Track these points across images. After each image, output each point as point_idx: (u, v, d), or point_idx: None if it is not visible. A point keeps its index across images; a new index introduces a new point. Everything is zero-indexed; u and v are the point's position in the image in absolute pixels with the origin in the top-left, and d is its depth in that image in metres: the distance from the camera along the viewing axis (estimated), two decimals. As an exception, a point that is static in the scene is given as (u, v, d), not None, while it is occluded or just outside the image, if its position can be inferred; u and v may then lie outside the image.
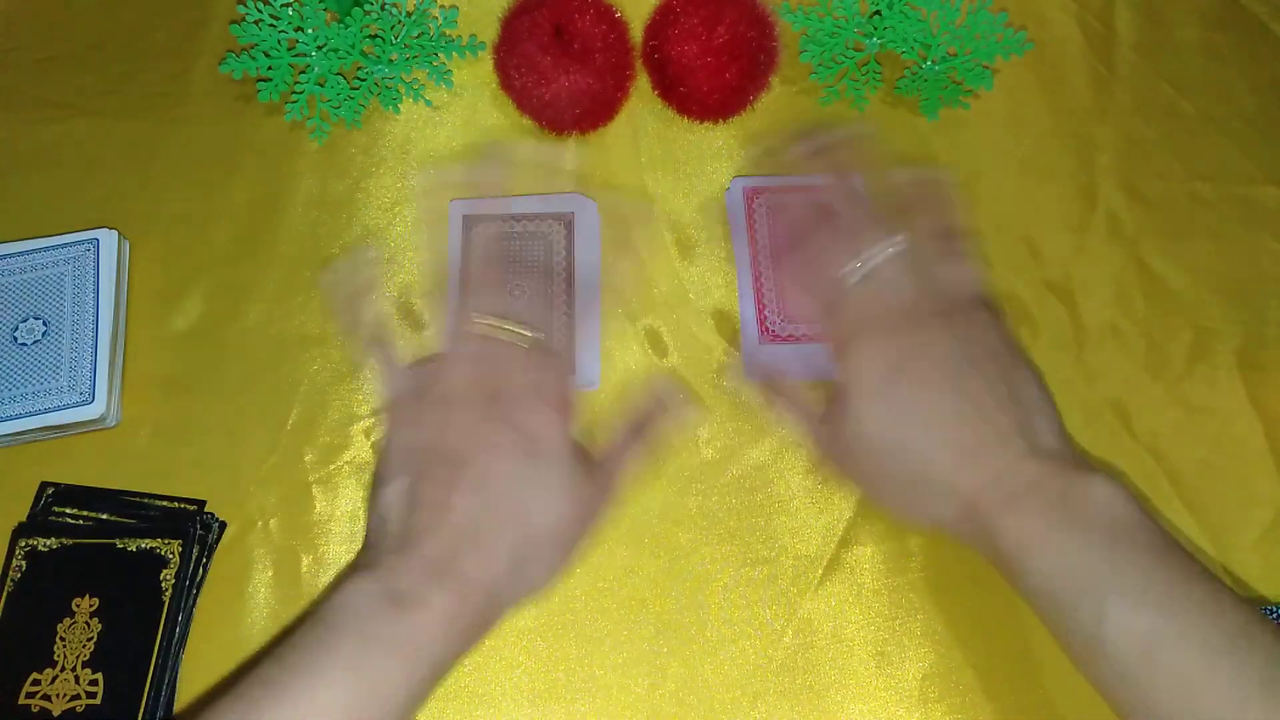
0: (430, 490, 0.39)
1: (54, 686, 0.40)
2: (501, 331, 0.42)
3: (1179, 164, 0.53)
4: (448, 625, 0.36)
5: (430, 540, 0.38)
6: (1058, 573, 0.36)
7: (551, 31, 0.50)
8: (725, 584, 0.43)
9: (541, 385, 0.42)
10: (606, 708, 0.41)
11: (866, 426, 0.40)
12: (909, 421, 0.39)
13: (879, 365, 0.40)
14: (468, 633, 0.37)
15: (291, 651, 0.35)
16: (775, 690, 0.41)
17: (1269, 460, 0.45)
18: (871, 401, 0.40)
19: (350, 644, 0.35)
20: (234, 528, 0.45)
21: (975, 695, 0.41)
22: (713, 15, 0.49)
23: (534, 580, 0.40)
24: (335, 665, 0.34)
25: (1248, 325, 0.48)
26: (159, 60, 0.56)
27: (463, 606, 0.36)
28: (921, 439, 0.39)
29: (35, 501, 0.45)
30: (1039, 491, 0.37)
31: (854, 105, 0.54)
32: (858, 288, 0.42)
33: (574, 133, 0.54)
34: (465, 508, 0.38)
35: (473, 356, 0.43)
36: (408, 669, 0.35)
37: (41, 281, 0.48)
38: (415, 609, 0.36)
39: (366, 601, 0.36)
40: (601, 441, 0.44)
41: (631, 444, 0.44)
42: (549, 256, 0.49)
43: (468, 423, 0.40)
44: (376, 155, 0.53)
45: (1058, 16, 0.58)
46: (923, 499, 0.40)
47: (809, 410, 0.44)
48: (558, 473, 0.40)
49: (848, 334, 0.42)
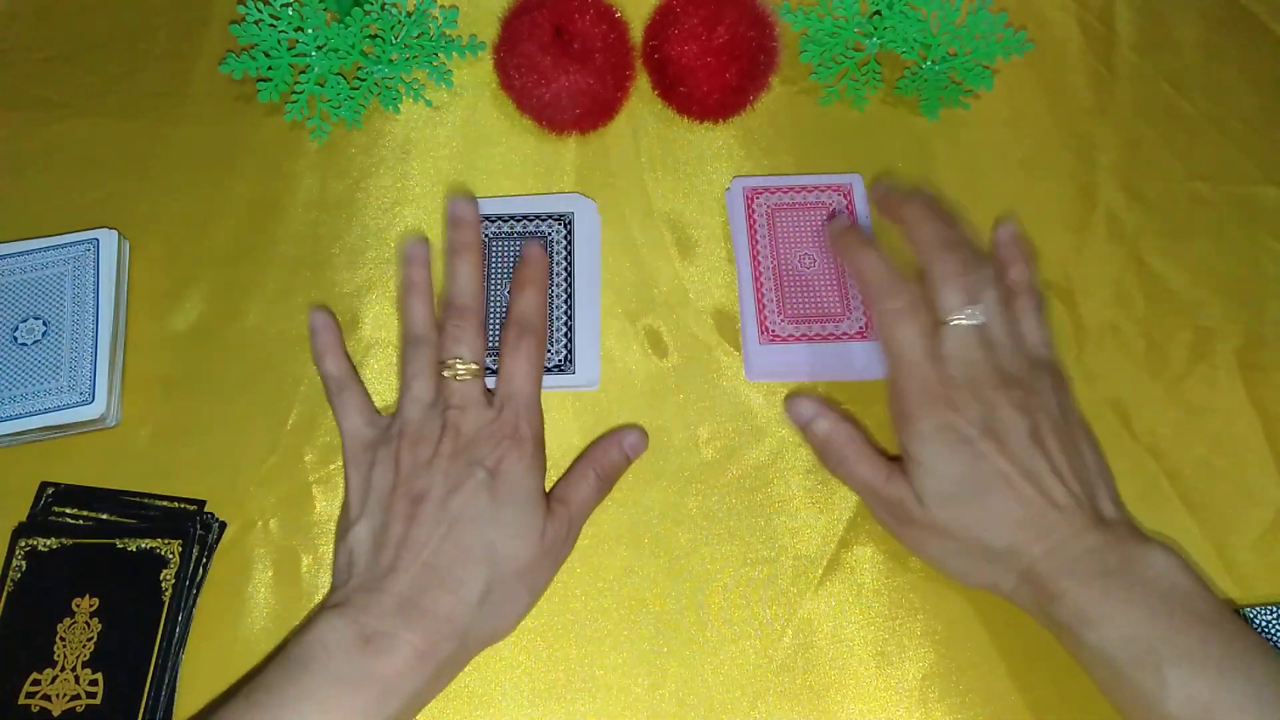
0: (394, 528, 0.39)
1: (54, 686, 0.40)
2: (455, 370, 0.43)
3: (1179, 164, 0.53)
4: (417, 664, 0.36)
5: (399, 578, 0.38)
6: (1117, 641, 0.36)
7: (551, 31, 0.50)
8: (725, 584, 0.43)
9: (503, 420, 0.42)
10: (606, 708, 0.41)
11: (930, 497, 0.40)
12: (972, 495, 0.39)
13: (947, 437, 0.40)
14: (438, 672, 0.37)
15: (262, 691, 0.35)
16: (775, 690, 0.41)
17: (1269, 460, 0.45)
18: (934, 473, 0.40)
19: (319, 683, 0.35)
20: (234, 528, 0.45)
21: (975, 695, 0.41)
22: (713, 15, 0.49)
23: (504, 618, 0.40)
24: (304, 706, 0.34)
25: (1248, 325, 0.48)
26: (159, 60, 0.56)
27: (432, 645, 0.37)
28: (985, 513, 0.39)
29: (35, 501, 0.45)
30: (1098, 560, 0.37)
31: (854, 105, 0.54)
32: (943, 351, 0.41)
33: (574, 133, 0.54)
34: (431, 544, 0.39)
35: (430, 396, 0.43)
36: (377, 708, 0.35)
37: (41, 281, 0.48)
38: (385, 648, 0.36)
39: (337, 640, 0.36)
40: (558, 479, 0.44)
41: (586, 478, 0.44)
42: (549, 256, 0.49)
43: (429, 460, 0.41)
44: (376, 155, 0.54)
45: (1058, 16, 0.58)
46: (982, 567, 0.40)
47: (877, 469, 0.42)
48: (525, 510, 0.40)
49: (915, 402, 0.41)
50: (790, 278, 0.48)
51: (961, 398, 0.40)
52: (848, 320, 0.47)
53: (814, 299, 0.48)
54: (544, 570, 0.42)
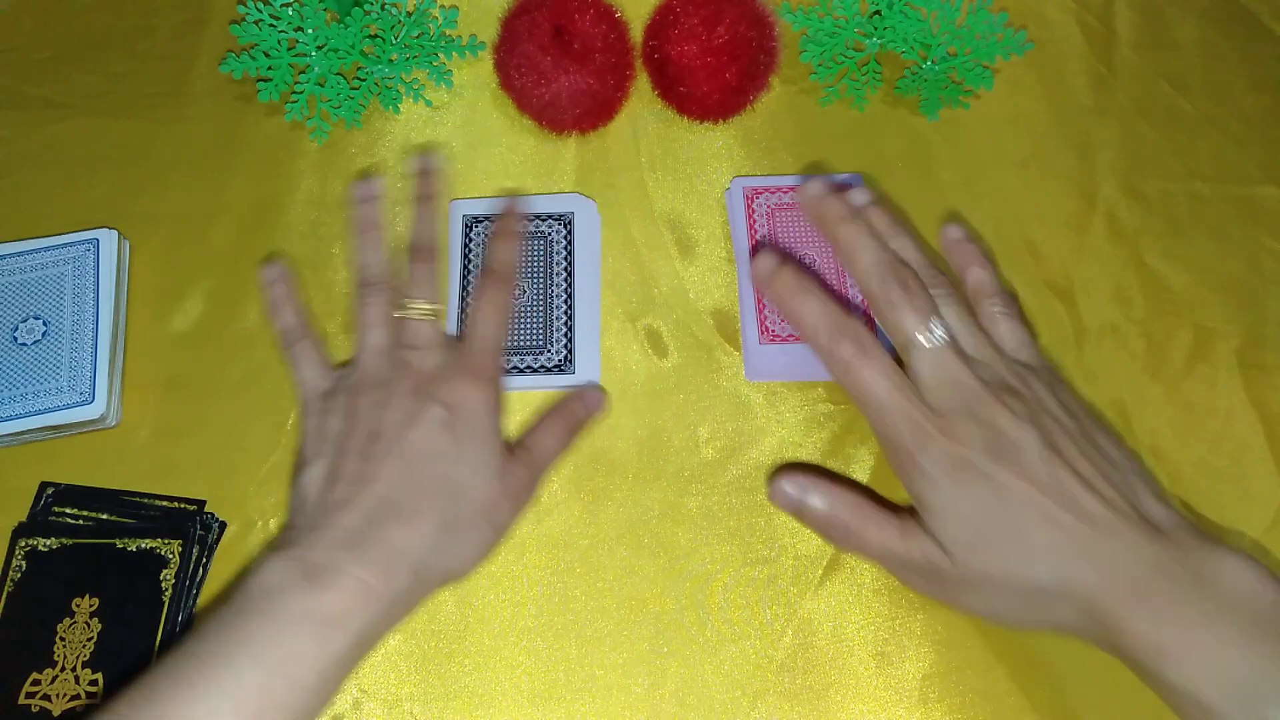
0: (349, 464, 0.38)
1: (54, 686, 0.40)
2: (409, 310, 0.42)
3: (1179, 164, 0.53)
4: (365, 598, 0.34)
5: (348, 512, 0.36)
6: (1206, 679, 0.32)
7: (551, 31, 0.50)
8: (725, 584, 0.43)
9: (463, 358, 0.41)
10: (606, 708, 0.41)
11: (954, 545, 0.36)
12: (999, 531, 0.35)
13: (954, 472, 0.36)
14: (391, 607, 0.35)
15: (197, 640, 0.33)
16: (775, 690, 0.41)
17: (1269, 460, 0.45)
18: (953, 516, 0.36)
19: (256, 626, 0.33)
20: (234, 528, 0.45)
21: (975, 695, 0.41)
22: (713, 15, 0.49)
23: (463, 557, 0.39)
24: (240, 652, 0.33)
25: (1248, 325, 0.48)
26: (159, 60, 0.56)
27: (385, 579, 0.35)
28: (1018, 547, 0.35)
29: (35, 501, 0.45)
30: (1163, 578, 0.33)
31: (854, 105, 0.54)
32: (920, 379, 0.38)
33: (574, 133, 0.54)
34: (386, 477, 0.37)
35: (386, 343, 0.42)
36: (321, 646, 0.33)
37: (41, 281, 0.48)
38: (329, 583, 0.34)
39: (278, 580, 0.34)
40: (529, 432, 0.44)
41: (552, 428, 0.43)
42: (549, 256, 0.49)
43: (386, 399, 0.40)
44: (376, 155, 0.54)
45: (1058, 16, 0.58)
46: (1037, 609, 0.35)
47: (889, 529, 0.38)
48: (485, 446, 0.39)
49: (909, 443, 0.37)
50: (790, 278, 0.48)
51: (957, 424, 0.37)
52: (848, 320, 0.47)
53: (814, 299, 0.48)
54: (506, 510, 0.40)
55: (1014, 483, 0.35)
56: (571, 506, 0.45)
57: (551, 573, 0.43)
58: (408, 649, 0.42)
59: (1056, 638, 0.40)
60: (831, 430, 0.46)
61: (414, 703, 0.41)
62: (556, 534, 0.44)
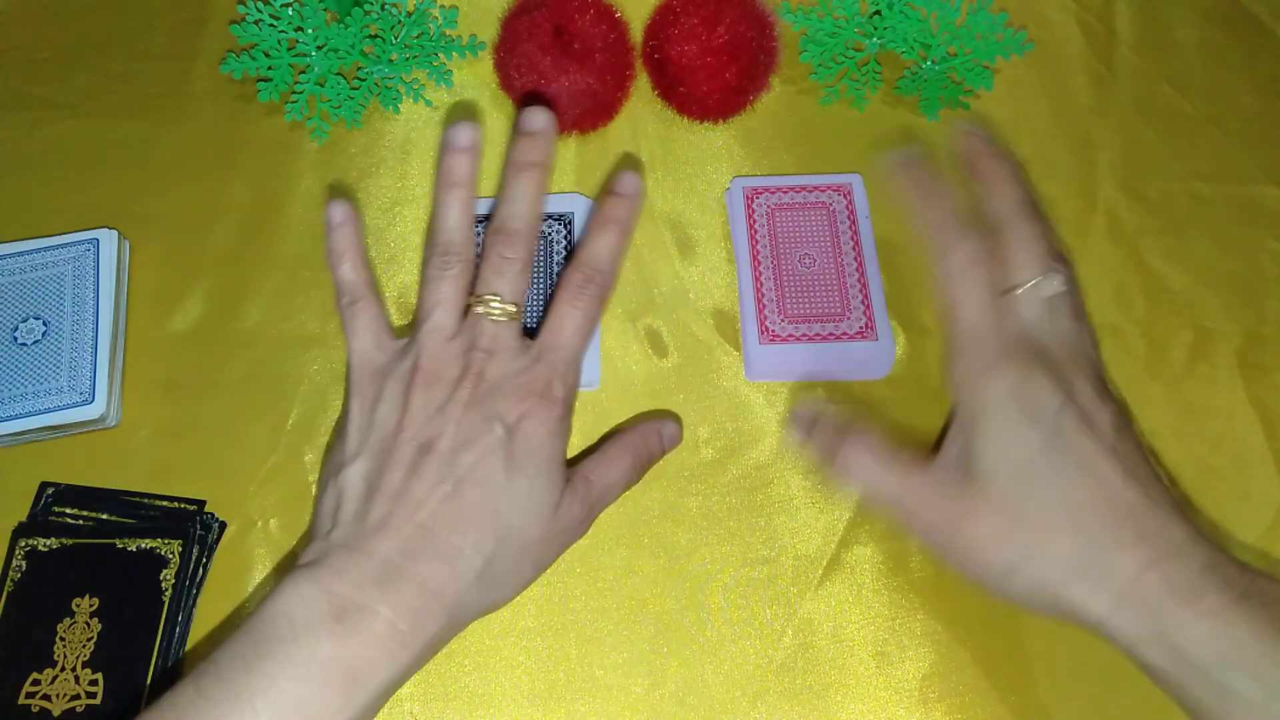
0: (393, 476, 0.34)
1: (54, 686, 0.40)
2: (489, 308, 0.37)
3: (1179, 164, 0.53)
4: (395, 648, 0.31)
5: (387, 538, 0.33)
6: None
7: (551, 31, 0.50)
8: (725, 584, 0.43)
9: (535, 372, 0.36)
10: (606, 708, 0.41)
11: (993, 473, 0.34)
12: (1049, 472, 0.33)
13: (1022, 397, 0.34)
14: (419, 653, 0.33)
15: (213, 678, 0.30)
16: (775, 690, 0.41)
17: (1269, 460, 0.45)
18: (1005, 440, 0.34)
19: (277, 669, 0.30)
20: (234, 528, 0.45)
21: (975, 695, 0.41)
22: (713, 15, 0.49)
23: (499, 598, 0.36)
24: (259, 702, 0.29)
25: (1248, 325, 0.48)
26: (159, 60, 0.56)
27: (415, 625, 0.32)
28: (1063, 496, 0.33)
29: (35, 501, 0.45)
30: (1228, 583, 0.30)
31: (854, 105, 0.54)
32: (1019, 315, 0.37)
33: (574, 133, 0.54)
34: (431, 504, 0.34)
35: (456, 332, 0.37)
36: (344, 697, 0.30)
37: (41, 281, 0.48)
38: (358, 625, 0.31)
39: (304, 615, 0.31)
40: (587, 454, 0.41)
41: (620, 460, 0.40)
42: (549, 256, 0.49)
43: (444, 405, 0.35)
44: (376, 155, 0.54)
45: (1058, 16, 0.58)
46: (1060, 579, 0.33)
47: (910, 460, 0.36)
48: (541, 480, 0.36)
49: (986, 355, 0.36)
50: (790, 278, 0.48)
51: (1041, 361, 0.35)
52: (848, 320, 0.47)
53: (814, 299, 0.48)
54: (552, 549, 0.37)
55: (1078, 431, 0.33)
56: (571, 506, 0.45)
57: (551, 573, 0.43)
58: (408, 649, 0.42)
59: (1056, 638, 0.40)
60: (831, 430, 0.46)
61: (414, 703, 0.41)
62: (556, 534, 0.44)
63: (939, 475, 0.36)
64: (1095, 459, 0.33)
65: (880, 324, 0.47)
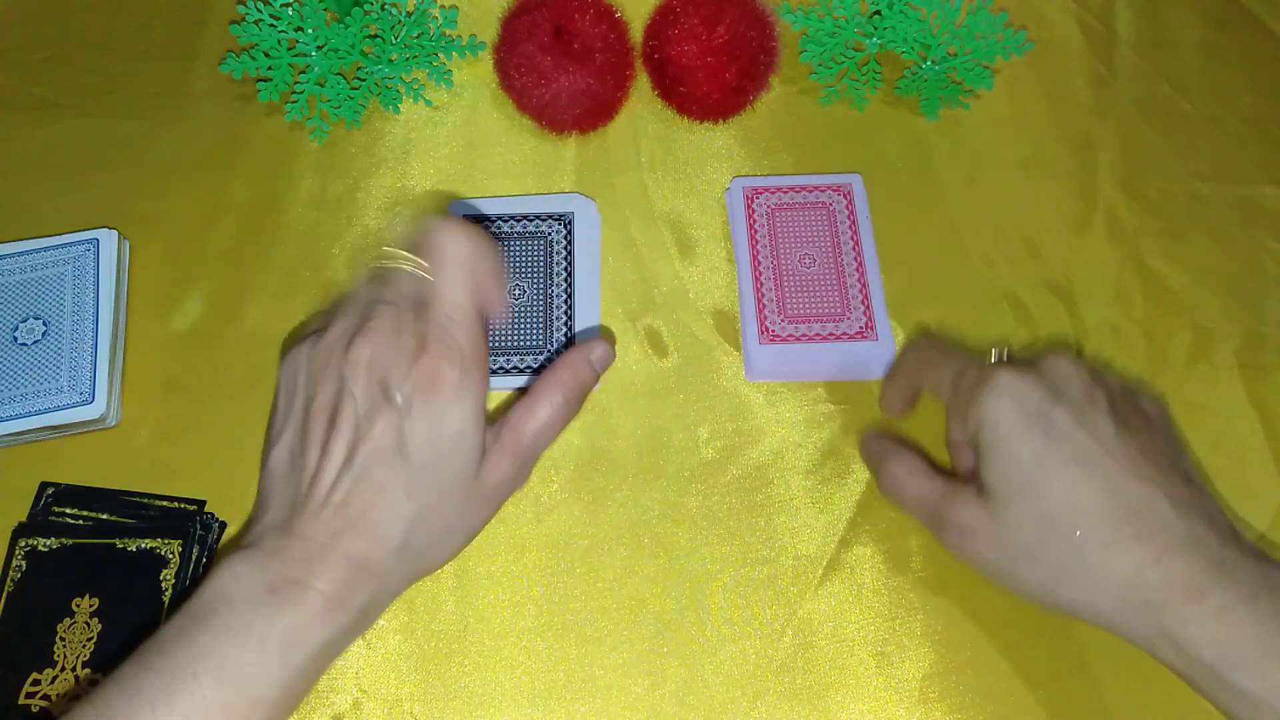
0: (312, 454, 0.35)
1: (54, 686, 0.40)
2: (401, 260, 0.36)
3: (1179, 164, 0.53)
4: (328, 613, 0.33)
5: (310, 519, 0.34)
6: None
7: (551, 31, 0.50)
8: (725, 584, 0.43)
9: (448, 328, 0.35)
10: (606, 708, 0.41)
11: (999, 486, 0.34)
12: (1049, 475, 0.33)
13: (1015, 409, 0.34)
14: (355, 620, 0.34)
15: (156, 651, 0.32)
16: (775, 690, 0.41)
17: (1269, 460, 0.45)
18: (1003, 454, 0.34)
19: (218, 642, 0.31)
20: (234, 528, 0.44)
21: (975, 695, 0.41)
22: (713, 15, 0.49)
23: (434, 559, 0.36)
24: (200, 667, 0.31)
25: (1248, 325, 0.48)
26: (159, 60, 0.56)
27: (345, 593, 0.33)
28: (1065, 496, 0.33)
29: (35, 501, 0.45)
30: (1236, 580, 0.30)
31: (854, 105, 0.54)
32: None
33: (574, 133, 0.54)
34: (346, 486, 0.34)
35: (368, 291, 0.37)
36: (282, 663, 0.32)
37: (41, 281, 0.48)
38: (292, 597, 0.32)
39: (240, 590, 0.32)
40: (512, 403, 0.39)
41: (548, 399, 0.38)
42: (549, 256, 0.49)
43: (355, 371, 0.35)
44: (376, 155, 0.54)
45: (1058, 16, 0.58)
46: (1070, 578, 0.33)
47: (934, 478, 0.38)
48: (451, 449, 0.35)
49: (979, 384, 0.36)
50: (790, 278, 0.48)
51: (1034, 373, 0.36)
52: (848, 320, 0.47)
53: (814, 299, 0.48)
54: (486, 507, 0.37)
55: (1073, 431, 0.33)
56: (571, 506, 0.45)
57: (551, 573, 0.43)
58: (408, 649, 0.42)
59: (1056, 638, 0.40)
60: (831, 430, 0.46)
61: (414, 703, 0.41)
62: (556, 534, 0.44)
63: (960, 494, 0.37)
64: (1092, 457, 0.33)
65: (880, 324, 0.47)
